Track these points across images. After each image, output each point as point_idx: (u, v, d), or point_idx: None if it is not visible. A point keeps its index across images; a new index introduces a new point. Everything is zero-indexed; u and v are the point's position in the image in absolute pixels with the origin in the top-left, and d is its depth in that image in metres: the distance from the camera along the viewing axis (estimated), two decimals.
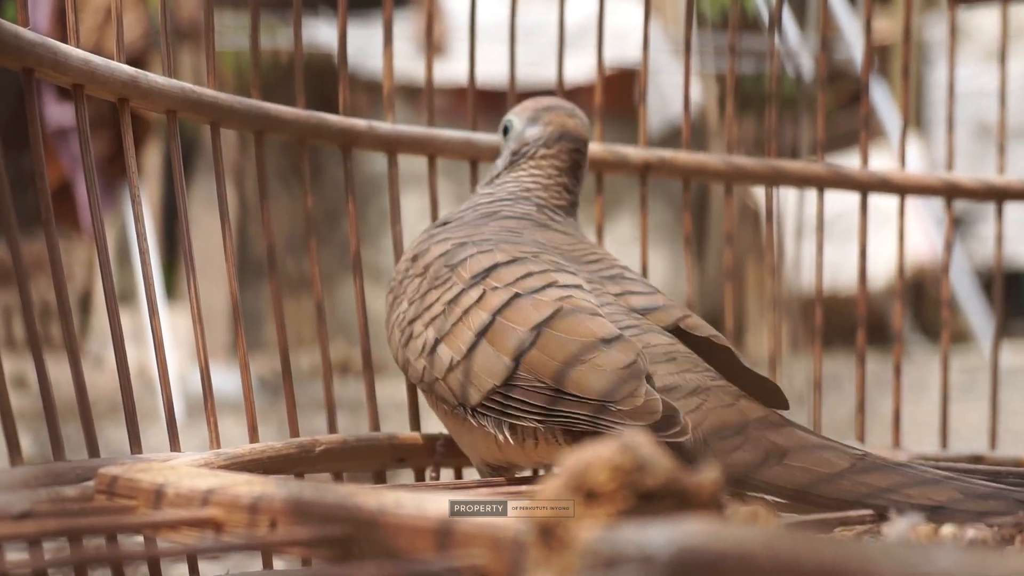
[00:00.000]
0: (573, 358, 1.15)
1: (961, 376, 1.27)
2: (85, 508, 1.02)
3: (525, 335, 1.18)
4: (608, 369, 1.14)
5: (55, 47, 1.17)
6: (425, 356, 1.25)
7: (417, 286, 1.29)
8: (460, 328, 1.22)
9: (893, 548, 0.59)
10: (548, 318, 1.18)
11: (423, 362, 1.25)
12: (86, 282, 5.95)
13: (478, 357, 1.19)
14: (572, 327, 1.18)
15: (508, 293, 1.21)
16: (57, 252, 1.14)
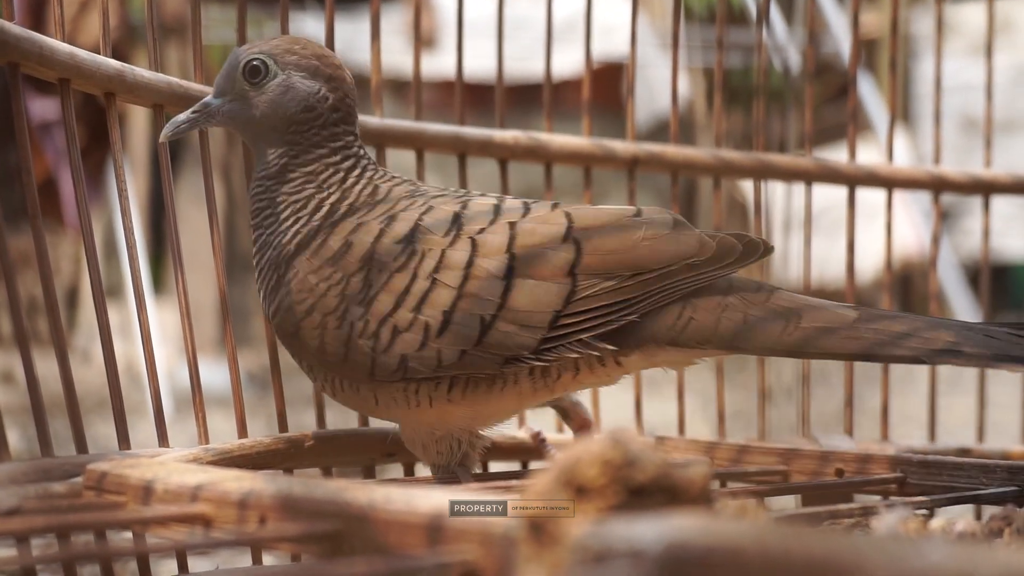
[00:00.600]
0: (629, 242, 1.15)
1: (948, 370, 1.27)
2: (73, 504, 1.02)
3: (565, 247, 1.15)
4: (665, 232, 1.16)
5: (41, 41, 1.16)
6: (435, 338, 1.15)
7: (363, 281, 1.17)
8: (475, 283, 1.14)
9: (882, 542, 0.59)
10: (569, 224, 1.16)
11: (435, 347, 1.15)
12: (73, 277, 5.93)
13: (521, 297, 1.14)
14: (593, 219, 1.16)
15: (502, 227, 1.16)
16: (44, 246, 1.14)
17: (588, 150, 1.61)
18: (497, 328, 1.14)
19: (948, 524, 1.07)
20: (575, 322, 1.15)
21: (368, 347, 1.16)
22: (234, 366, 1.34)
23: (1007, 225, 5.79)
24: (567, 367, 1.17)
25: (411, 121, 1.53)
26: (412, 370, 1.17)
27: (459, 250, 1.15)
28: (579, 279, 1.14)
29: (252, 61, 1.21)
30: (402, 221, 1.18)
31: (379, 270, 1.16)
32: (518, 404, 1.22)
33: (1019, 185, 1.78)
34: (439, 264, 1.15)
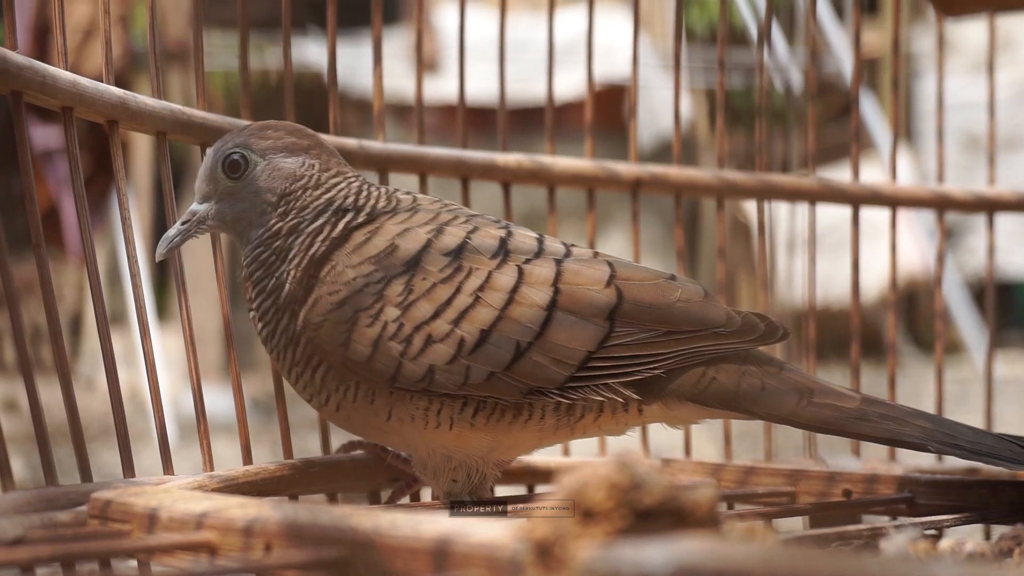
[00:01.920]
0: (665, 299, 1.19)
1: (954, 387, 1.27)
2: (78, 533, 1.01)
3: (608, 293, 1.18)
4: (698, 300, 1.21)
5: (43, 70, 1.16)
6: (467, 354, 1.15)
7: (406, 286, 1.16)
8: (518, 309, 1.16)
9: (892, 563, 0.59)
10: (612, 274, 1.20)
11: (465, 363, 1.15)
12: (76, 304, 5.94)
13: (559, 331, 1.16)
14: (633, 273, 1.21)
15: (549, 262, 1.19)
16: (47, 274, 1.14)
17: (591, 172, 1.61)
18: (530, 356, 1.15)
19: (957, 544, 1.07)
20: (605, 366, 1.17)
21: (397, 351, 1.15)
22: (238, 392, 1.34)
23: (1011, 243, 5.79)
24: (591, 408, 1.19)
25: (414, 145, 1.54)
26: (437, 383, 1.16)
27: (506, 274, 1.17)
28: (616, 324, 1.17)
29: (231, 156, 1.22)
30: (450, 235, 1.19)
31: (423, 277, 1.16)
32: (538, 440, 1.22)
33: (1023, 202, 1.78)
34: (485, 284, 1.17)
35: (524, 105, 5.22)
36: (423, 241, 1.18)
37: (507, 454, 1.23)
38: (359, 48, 5.33)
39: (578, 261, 1.20)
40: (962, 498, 1.30)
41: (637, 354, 1.17)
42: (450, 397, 1.16)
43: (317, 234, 1.21)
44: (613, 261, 1.22)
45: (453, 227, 1.20)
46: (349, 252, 1.19)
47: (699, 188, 1.66)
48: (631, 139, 1.66)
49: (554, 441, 1.25)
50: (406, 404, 1.17)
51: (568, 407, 1.18)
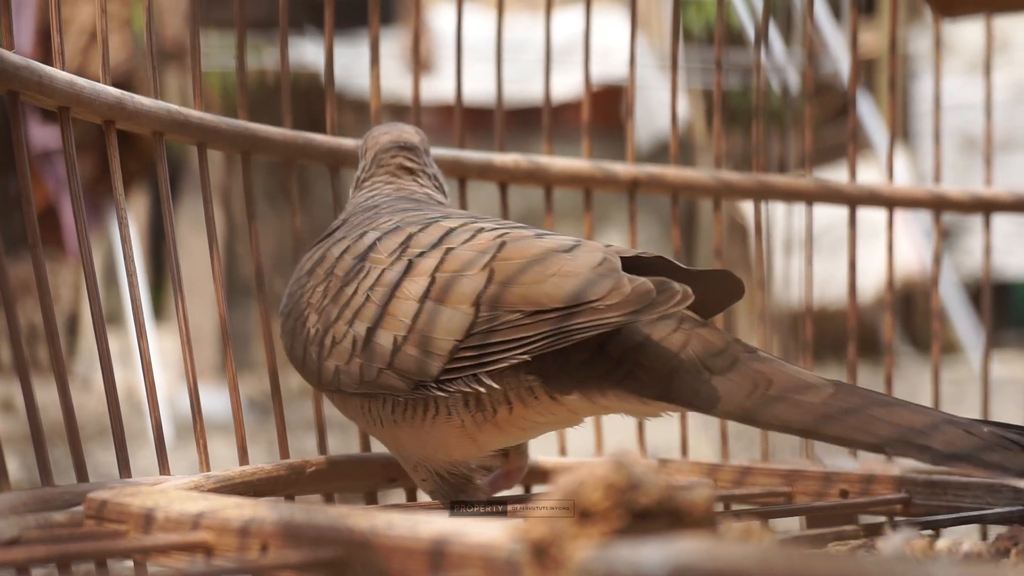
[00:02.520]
0: (540, 276, 1.08)
1: (950, 388, 1.27)
2: (74, 533, 1.01)
3: (477, 278, 1.09)
4: (582, 271, 1.07)
5: (40, 70, 1.16)
6: (359, 353, 1.14)
7: (323, 291, 1.19)
8: (397, 304, 1.12)
9: (889, 563, 0.59)
10: (495, 253, 1.10)
11: (358, 361, 1.14)
12: (73, 304, 5.93)
13: (430, 321, 1.10)
14: (523, 250, 1.10)
15: (439, 251, 1.13)
16: (44, 274, 1.13)
17: (588, 173, 1.61)
18: (405, 350, 1.11)
19: (954, 544, 1.07)
20: (472, 355, 1.09)
21: (315, 353, 1.19)
22: (235, 392, 1.34)
23: (1008, 243, 5.80)
24: (500, 400, 1.11)
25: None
26: (343, 382, 1.17)
27: (394, 270, 1.14)
28: (481, 310, 1.08)
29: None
30: (366, 237, 1.20)
31: (334, 283, 1.19)
32: (467, 439, 1.15)
33: (1020, 203, 1.78)
34: (375, 282, 1.15)
35: (521, 105, 5.22)
36: (343, 248, 1.21)
37: (441, 453, 1.17)
38: (356, 48, 5.33)
39: (470, 246, 1.12)
40: (959, 498, 1.30)
41: (503, 339, 1.07)
42: (368, 396, 1.17)
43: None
44: (511, 239, 1.12)
45: (373, 230, 1.20)
46: (295, 271, 1.27)
47: (696, 189, 1.66)
48: (628, 139, 1.66)
49: (489, 440, 1.16)
50: (350, 402, 1.20)
51: (476, 402, 1.11)
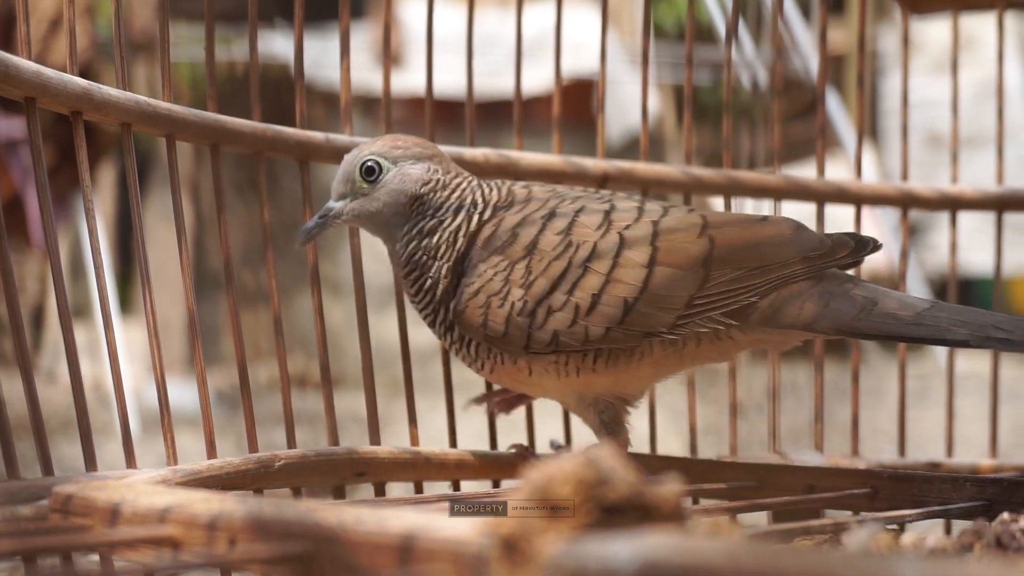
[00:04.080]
0: (754, 237, 1.33)
1: (916, 383, 1.28)
2: (40, 527, 1.00)
3: (700, 243, 1.32)
4: (787, 231, 1.34)
5: (6, 60, 1.15)
6: (584, 317, 1.32)
7: (525, 269, 1.34)
8: (622, 271, 1.32)
9: (854, 558, 0.59)
10: (704, 224, 1.33)
11: (583, 324, 1.32)
12: (38, 296, 5.88)
13: (660, 283, 1.31)
14: (723, 220, 1.35)
15: (645, 224, 1.33)
16: (9, 266, 1.12)
17: (559, 167, 1.62)
18: (638, 309, 1.31)
19: (919, 539, 1.07)
20: (706, 303, 1.31)
21: (525, 324, 1.33)
22: (203, 385, 1.33)
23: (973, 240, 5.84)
24: (691, 338, 1.34)
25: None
26: (563, 344, 1.33)
27: (608, 242, 1.33)
28: (712, 268, 1.32)
29: (367, 163, 1.39)
30: (560, 217, 1.35)
31: (539, 258, 1.34)
32: (653, 373, 1.38)
33: (985, 200, 1.80)
34: (591, 254, 1.33)
35: (491, 99, 5.22)
36: (538, 226, 1.35)
37: (629, 388, 1.38)
38: (326, 41, 5.30)
39: (673, 219, 1.35)
40: (924, 493, 1.31)
41: (732, 288, 1.31)
42: (566, 353, 1.35)
43: (457, 231, 1.38)
44: (706, 213, 1.36)
45: (562, 208, 1.36)
46: (480, 247, 1.37)
47: (666, 184, 1.67)
48: (599, 134, 1.66)
49: (667, 374, 1.39)
50: (541, 361, 1.35)
51: (672, 340, 1.34)
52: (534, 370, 1.37)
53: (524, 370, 1.37)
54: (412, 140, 1.42)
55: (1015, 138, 5.66)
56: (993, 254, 1.79)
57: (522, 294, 1.33)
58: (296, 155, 1.47)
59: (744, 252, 1.34)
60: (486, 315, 1.35)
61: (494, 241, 1.36)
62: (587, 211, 1.35)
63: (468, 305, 1.35)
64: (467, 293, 1.35)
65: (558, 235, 1.34)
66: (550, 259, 1.34)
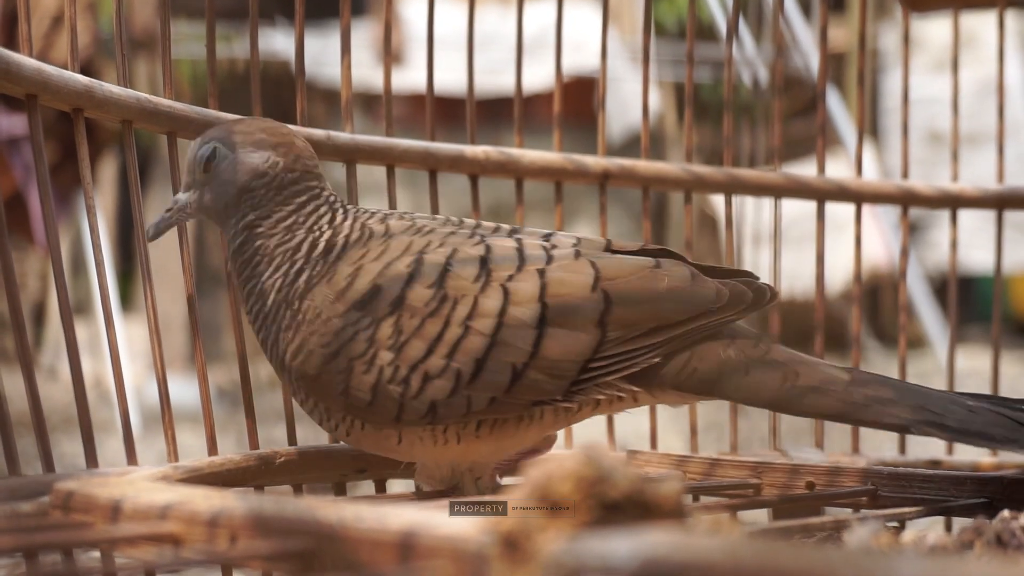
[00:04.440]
0: (653, 291, 1.19)
1: (916, 380, 1.28)
2: (41, 524, 1.00)
3: (595, 300, 1.18)
4: (686, 283, 1.20)
5: (8, 57, 1.15)
6: (466, 386, 1.16)
7: (395, 326, 1.16)
8: (509, 331, 1.16)
9: (855, 556, 0.59)
10: (596, 276, 1.19)
11: (464, 394, 1.16)
12: (40, 293, 5.88)
13: (553, 346, 1.16)
14: (618, 271, 1.20)
15: (531, 275, 1.18)
16: (10, 263, 1.13)
17: (559, 165, 1.62)
18: (528, 376, 1.16)
19: (919, 537, 1.08)
20: (602, 367, 1.18)
21: (397, 393, 1.17)
22: (204, 382, 1.33)
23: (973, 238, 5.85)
24: (588, 403, 1.21)
25: (382, 137, 1.53)
26: (440, 416, 1.18)
27: (491, 298, 1.17)
28: (608, 329, 1.18)
29: (202, 150, 1.24)
30: (429, 265, 1.18)
31: (411, 315, 1.16)
32: (540, 435, 1.26)
33: (985, 198, 1.80)
34: (472, 312, 1.16)
35: (492, 97, 5.22)
36: (404, 276, 1.18)
37: (510, 453, 1.27)
38: (327, 39, 5.30)
39: (561, 268, 1.19)
40: (924, 491, 1.31)
41: (631, 348, 1.18)
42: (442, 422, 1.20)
43: (291, 260, 1.21)
44: (596, 260, 1.20)
45: (431, 254, 1.19)
46: (333, 299, 1.18)
47: (667, 181, 1.67)
48: (599, 132, 1.66)
49: (554, 431, 1.28)
50: (414, 429, 1.20)
51: (564, 408, 1.21)
52: (404, 439, 1.21)
53: (392, 438, 1.21)
54: (260, 123, 1.26)
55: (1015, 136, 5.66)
56: (993, 252, 1.79)
57: (392, 358, 1.16)
58: None
59: (641, 308, 1.19)
60: (348, 382, 1.17)
61: (351, 294, 1.17)
62: (460, 258, 1.18)
63: (324, 370, 1.17)
64: (319, 355, 1.17)
65: (429, 288, 1.17)
66: (423, 316, 1.16)
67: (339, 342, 1.17)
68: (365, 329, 1.17)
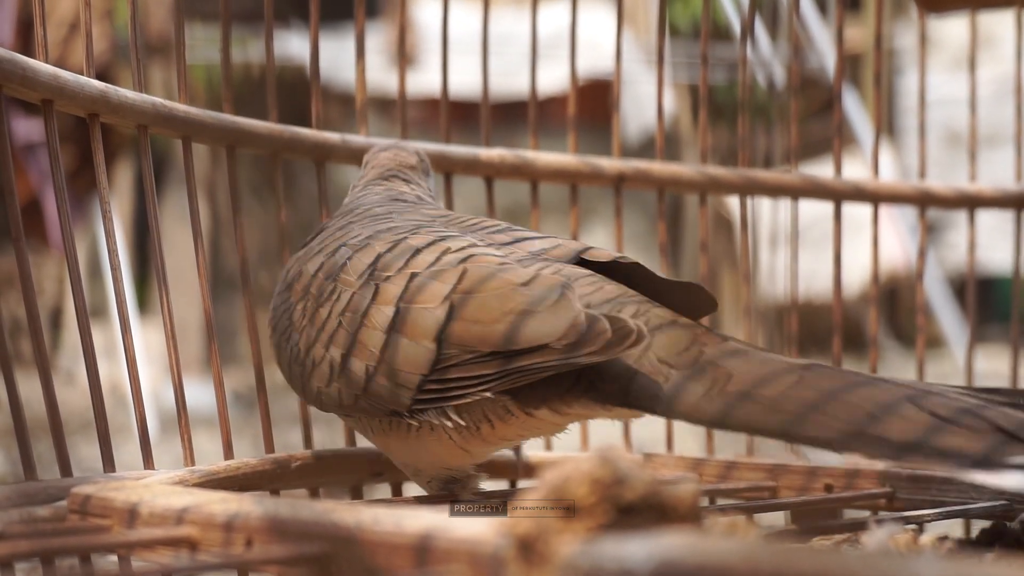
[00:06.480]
0: (497, 314, 1.05)
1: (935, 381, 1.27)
2: (58, 528, 1.01)
3: (438, 312, 1.07)
4: (538, 309, 1.04)
5: (23, 63, 1.16)
6: (337, 378, 1.13)
7: (302, 311, 1.17)
8: (366, 332, 1.10)
9: (873, 558, 0.59)
10: (455, 285, 1.08)
11: (336, 385, 1.13)
12: (57, 297, 5.91)
13: (396, 354, 1.08)
14: (482, 282, 1.08)
15: (403, 277, 1.11)
16: (27, 268, 1.13)
17: (574, 167, 1.61)
18: (377, 380, 1.10)
19: (938, 540, 1.07)
20: (438, 389, 1.08)
21: (299, 372, 1.18)
22: (219, 386, 1.34)
23: (992, 238, 5.82)
24: (480, 419, 1.09)
25: (396, 140, 1.53)
26: (324, 404, 1.17)
27: (363, 295, 1.12)
28: (443, 346, 1.07)
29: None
30: (338, 255, 1.17)
31: (311, 302, 1.17)
32: (457, 450, 1.14)
33: (1004, 198, 1.79)
34: (346, 307, 1.13)
35: (507, 99, 5.22)
36: (317, 264, 1.18)
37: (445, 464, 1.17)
38: (341, 42, 5.31)
39: (433, 273, 1.10)
40: (943, 493, 1.30)
41: (465, 375, 1.06)
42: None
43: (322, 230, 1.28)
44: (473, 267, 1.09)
45: (345, 248, 1.17)
46: (280, 280, 1.25)
47: (682, 183, 1.67)
48: (614, 134, 1.66)
49: (482, 451, 1.15)
50: (360, 419, 1.18)
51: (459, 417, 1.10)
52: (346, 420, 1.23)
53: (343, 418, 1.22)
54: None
55: None
56: (1012, 253, 1.78)
57: (297, 338, 1.17)
58: (312, 156, 1.48)
59: (479, 330, 1.05)
60: (278, 357, 1.22)
61: (288, 275, 1.23)
62: (365, 251, 1.15)
63: (271, 344, 1.24)
64: (269, 323, 1.25)
65: (328, 279, 1.16)
66: (316, 305, 1.16)
67: (276, 316, 1.23)
68: (287, 310, 1.21)
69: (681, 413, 1.01)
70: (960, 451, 0.88)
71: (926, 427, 0.90)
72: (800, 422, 0.94)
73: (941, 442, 0.88)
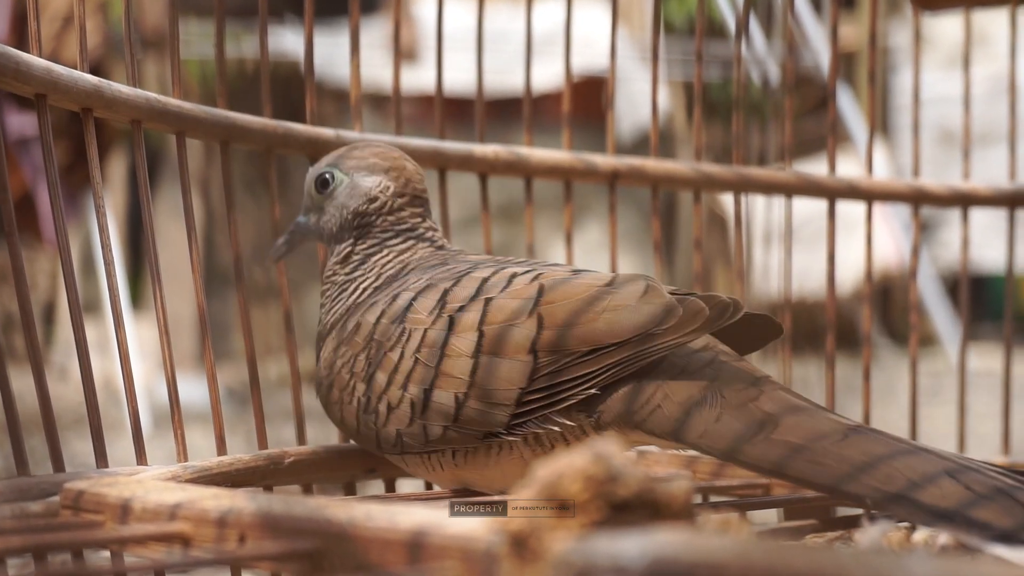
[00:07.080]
0: (592, 314, 1.11)
1: (928, 380, 1.27)
2: (50, 524, 1.00)
3: (528, 324, 1.12)
4: (631, 302, 1.11)
5: (17, 57, 1.15)
6: (419, 416, 1.16)
7: (366, 360, 1.20)
8: (449, 362, 1.14)
9: (866, 556, 0.59)
10: (537, 299, 1.13)
11: (420, 422, 1.17)
12: (50, 292, 5.90)
13: (490, 374, 1.12)
14: (567, 291, 1.13)
15: (479, 303, 1.15)
16: (20, 263, 1.13)
17: (569, 164, 1.61)
18: (469, 405, 1.14)
19: (930, 537, 1.07)
20: (539, 398, 1.12)
21: (371, 421, 1.21)
22: (213, 382, 1.33)
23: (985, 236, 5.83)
24: (557, 438, 1.15)
25: (391, 136, 1.53)
26: (406, 445, 1.19)
27: (437, 329, 1.16)
28: (539, 356, 1.11)
29: (320, 175, 1.33)
30: (400, 300, 1.21)
31: (377, 348, 1.20)
32: (524, 467, 1.17)
33: (997, 197, 1.79)
34: (421, 343, 1.17)
35: (502, 96, 5.21)
36: (378, 313, 1.22)
37: (501, 485, 1.21)
38: (336, 37, 5.30)
39: (508, 294, 1.15)
40: None
41: (565, 379, 1.11)
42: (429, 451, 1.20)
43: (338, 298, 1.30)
44: (549, 283, 1.14)
45: (407, 291, 1.21)
46: (335, 336, 1.27)
47: (676, 180, 1.67)
48: (609, 131, 1.66)
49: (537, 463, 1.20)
50: (411, 456, 1.22)
51: (536, 438, 1.15)
52: (408, 463, 1.24)
53: (400, 463, 1.25)
54: (373, 149, 1.33)
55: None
56: (1005, 251, 1.78)
57: (365, 388, 1.20)
58: (306, 152, 1.47)
59: (574, 332, 1.11)
60: (341, 412, 1.24)
61: (342, 332, 1.25)
62: (430, 290, 1.19)
63: (329, 400, 1.25)
64: (323, 385, 1.25)
65: (394, 323, 1.19)
66: (385, 349, 1.18)
67: (332, 374, 1.25)
68: (347, 362, 1.23)
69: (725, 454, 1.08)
70: (989, 524, 0.97)
71: (960, 499, 0.98)
72: (847, 480, 1.02)
73: (973, 514, 0.97)
